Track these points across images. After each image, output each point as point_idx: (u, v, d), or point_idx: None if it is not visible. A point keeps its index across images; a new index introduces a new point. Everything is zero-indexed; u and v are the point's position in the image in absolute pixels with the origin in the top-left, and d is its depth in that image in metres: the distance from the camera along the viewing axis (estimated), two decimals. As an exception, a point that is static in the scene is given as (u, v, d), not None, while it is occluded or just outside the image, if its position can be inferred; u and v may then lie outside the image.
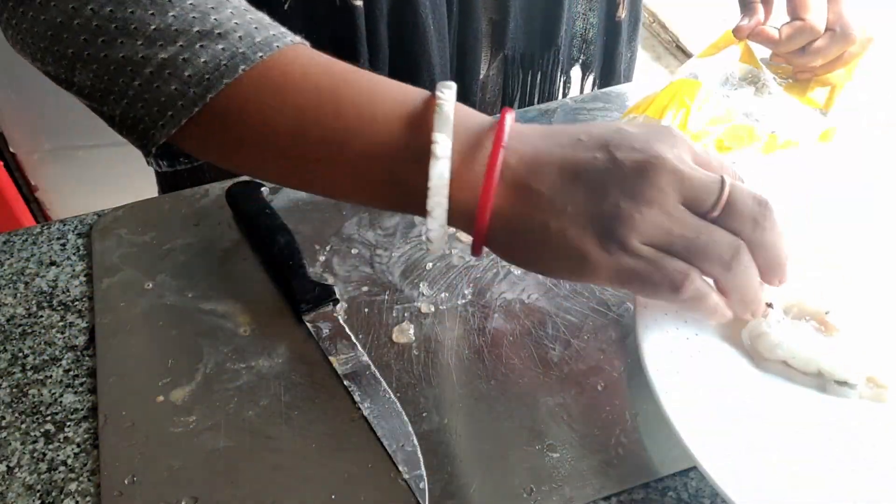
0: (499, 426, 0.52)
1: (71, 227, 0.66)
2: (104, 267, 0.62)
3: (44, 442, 0.52)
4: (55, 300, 0.60)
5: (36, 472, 0.50)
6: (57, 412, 0.53)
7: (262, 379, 0.54)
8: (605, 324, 0.58)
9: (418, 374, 0.54)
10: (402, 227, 0.64)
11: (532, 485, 0.49)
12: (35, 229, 0.66)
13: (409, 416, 0.52)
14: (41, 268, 0.63)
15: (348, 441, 0.51)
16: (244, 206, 0.64)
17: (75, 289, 0.61)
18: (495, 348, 0.56)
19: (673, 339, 0.50)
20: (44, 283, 0.62)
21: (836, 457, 0.47)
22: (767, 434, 0.47)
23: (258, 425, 0.51)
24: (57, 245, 0.65)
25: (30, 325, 0.59)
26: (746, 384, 0.50)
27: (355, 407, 0.52)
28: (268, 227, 0.62)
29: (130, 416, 0.52)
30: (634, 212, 0.43)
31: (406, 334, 0.56)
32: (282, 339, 0.56)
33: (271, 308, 0.59)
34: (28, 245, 0.65)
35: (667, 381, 0.47)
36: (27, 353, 0.57)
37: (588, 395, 0.53)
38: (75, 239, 0.65)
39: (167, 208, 0.67)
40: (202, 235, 0.64)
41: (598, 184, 0.43)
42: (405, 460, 0.49)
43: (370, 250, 0.62)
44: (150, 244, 0.64)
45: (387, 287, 0.60)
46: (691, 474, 0.50)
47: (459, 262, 0.61)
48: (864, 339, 0.51)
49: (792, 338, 0.50)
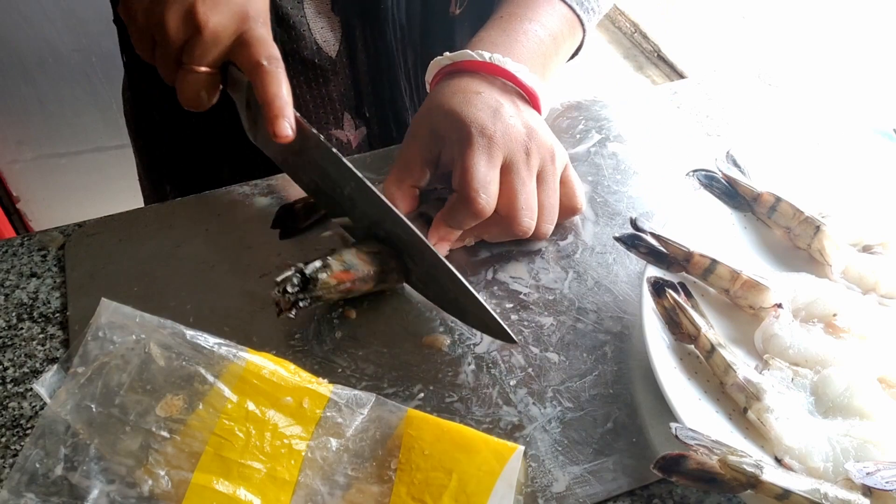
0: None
1: (51, 238, 0.65)
2: (78, 283, 0.61)
3: (24, 455, 0.51)
4: (35, 312, 0.60)
5: (16, 487, 0.50)
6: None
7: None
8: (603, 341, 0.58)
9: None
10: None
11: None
12: (16, 240, 0.65)
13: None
14: (21, 279, 0.62)
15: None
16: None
17: (56, 300, 0.60)
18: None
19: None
20: (24, 295, 0.61)
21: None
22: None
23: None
24: (38, 256, 0.64)
25: (10, 337, 0.58)
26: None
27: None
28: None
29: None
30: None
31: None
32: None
33: (266, 328, 0.59)
34: (8, 256, 0.64)
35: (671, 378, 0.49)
36: (7, 365, 0.57)
37: (575, 405, 0.54)
38: (56, 250, 0.64)
39: (149, 219, 0.67)
40: (182, 247, 0.64)
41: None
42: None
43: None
44: (129, 256, 0.63)
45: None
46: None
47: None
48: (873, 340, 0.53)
49: (802, 340, 0.51)
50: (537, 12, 0.69)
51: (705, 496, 0.49)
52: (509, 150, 0.59)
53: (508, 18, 0.68)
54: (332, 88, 0.79)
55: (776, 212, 0.61)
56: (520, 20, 0.68)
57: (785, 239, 0.62)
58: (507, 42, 0.66)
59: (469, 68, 0.64)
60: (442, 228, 0.61)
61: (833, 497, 0.43)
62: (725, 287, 0.56)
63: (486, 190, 0.58)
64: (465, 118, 0.60)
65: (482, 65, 0.63)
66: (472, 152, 0.59)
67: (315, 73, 0.77)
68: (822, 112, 0.79)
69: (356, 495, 0.48)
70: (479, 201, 0.58)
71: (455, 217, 0.59)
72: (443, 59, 0.66)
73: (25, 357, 0.57)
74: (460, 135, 0.60)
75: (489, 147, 0.59)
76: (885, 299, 0.57)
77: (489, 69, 0.63)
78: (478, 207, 0.58)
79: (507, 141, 0.59)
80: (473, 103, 0.61)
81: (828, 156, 0.67)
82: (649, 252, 0.58)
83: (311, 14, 0.74)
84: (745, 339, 0.55)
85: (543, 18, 0.69)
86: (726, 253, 0.58)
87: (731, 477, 0.44)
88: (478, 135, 0.59)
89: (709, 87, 0.82)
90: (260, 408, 0.49)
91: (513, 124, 0.60)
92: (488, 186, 0.58)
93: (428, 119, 0.62)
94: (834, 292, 0.56)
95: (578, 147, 0.75)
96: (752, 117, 0.78)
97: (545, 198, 0.62)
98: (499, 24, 0.68)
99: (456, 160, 0.60)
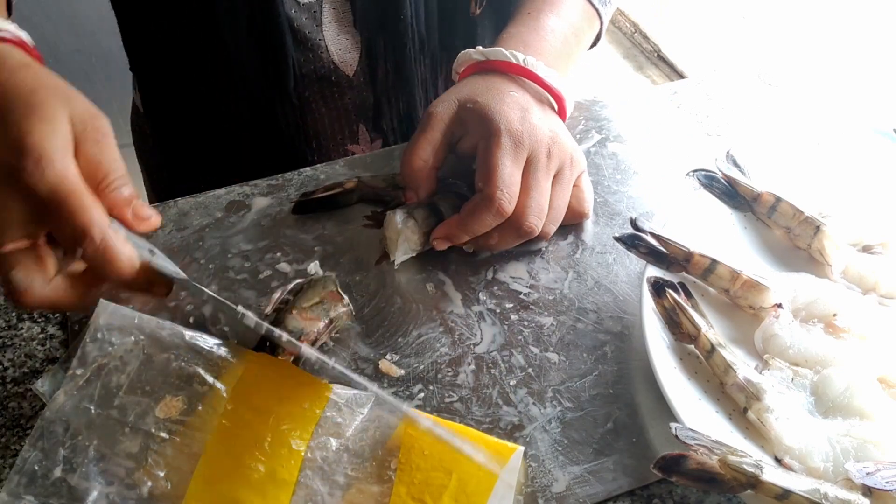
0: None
1: (52, 238, 0.65)
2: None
3: (24, 456, 0.51)
4: (35, 312, 0.60)
5: (15, 487, 0.50)
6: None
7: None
8: (603, 342, 0.58)
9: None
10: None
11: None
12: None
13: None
14: (21, 280, 0.62)
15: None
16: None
17: (56, 301, 0.60)
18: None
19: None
20: (24, 295, 0.61)
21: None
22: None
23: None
24: (37, 256, 0.64)
25: (10, 337, 0.58)
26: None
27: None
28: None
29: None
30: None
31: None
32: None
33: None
34: (8, 257, 0.64)
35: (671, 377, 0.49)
36: (7, 365, 0.56)
37: (575, 405, 0.54)
38: (56, 250, 0.64)
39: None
40: (182, 247, 0.64)
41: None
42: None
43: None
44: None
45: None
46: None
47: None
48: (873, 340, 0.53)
49: (802, 340, 0.51)
50: (561, 7, 0.71)
51: (705, 496, 0.49)
52: (533, 151, 0.60)
53: (536, 15, 0.70)
54: (349, 101, 0.79)
55: (776, 212, 0.61)
56: (546, 16, 0.69)
57: (785, 239, 0.62)
58: (537, 41, 0.67)
59: (501, 68, 0.65)
60: (455, 230, 0.60)
61: (833, 497, 0.43)
62: (725, 287, 0.56)
63: (510, 189, 0.58)
64: (495, 115, 0.61)
65: (515, 67, 0.64)
66: (499, 151, 0.59)
67: (332, 90, 0.78)
68: (822, 112, 0.79)
69: (356, 495, 0.48)
70: (503, 200, 0.58)
71: (478, 218, 0.59)
72: (474, 54, 0.67)
73: (25, 357, 0.57)
74: (488, 130, 0.60)
75: (515, 147, 0.60)
76: (885, 299, 0.57)
77: (521, 72, 0.65)
78: (501, 206, 0.58)
79: (532, 141, 0.60)
80: (506, 102, 0.62)
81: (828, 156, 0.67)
82: (649, 252, 0.58)
83: (331, 34, 0.74)
84: (745, 339, 0.55)
85: (566, 13, 0.71)
86: (726, 253, 0.58)
87: (731, 477, 0.44)
88: (506, 133, 0.60)
89: (709, 87, 0.82)
90: (259, 409, 0.49)
91: (539, 126, 0.61)
92: (512, 186, 0.58)
93: (455, 108, 0.63)
94: (834, 292, 0.56)
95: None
96: (752, 117, 0.78)
97: (556, 199, 0.62)
98: (527, 20, 0.69)
99: (481, 156, 0.60)
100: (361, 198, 0.68)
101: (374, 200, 0.68)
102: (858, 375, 0.50)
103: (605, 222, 0.67)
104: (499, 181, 0.58)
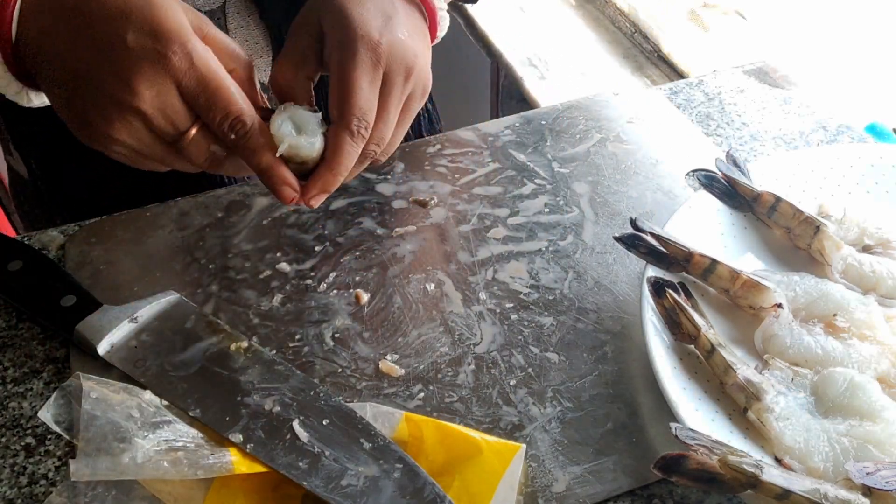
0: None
1: (51, 238, 0.65)
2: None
3: (24, 455, 0.51)
4: (36, 312, 0.60)
5: (16, 486, 0.50)
6: (38, 425, 0.53)
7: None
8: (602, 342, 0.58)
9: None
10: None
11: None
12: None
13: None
14: (21, 279, 0.62)
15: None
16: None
17: (56, 300, 0.60)
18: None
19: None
20: (24, 295, 0.61)
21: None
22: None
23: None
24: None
25: (10, 337, 0.58)
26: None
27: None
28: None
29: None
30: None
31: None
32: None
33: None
34: (8, 256, 0.64)
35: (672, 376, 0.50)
36: (7, 365, 0.56)
37: (575, 405, 0.54)
38: (56, 250, 0.64)
39: (149, 220, 0.67)
40: (182, 247, 0.64)
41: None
42: None
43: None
44: (129, 256, 0.63)
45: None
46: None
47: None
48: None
49: (802, 340, 0.51)
50: None
51: (705, 496, 0.49)
52: (390, 69, 0.53)
53: None
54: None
55: (776, 212, 0.61)
56: None
57: (785, 239, 0.62)
58: None
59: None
60: (329, 176, 0.53)
61: (833, 497, 0.43)
62: (725, 287, 0.56)
63: (367, 118, 0.52)
64: (352, 20, 0.52)
65: None
66: (355, 70, 0.52)
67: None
68: (823, 112, 0.79)
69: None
70: (362, 130, 0.52)
71: (346, 154, 0.52)
72: None
73: (25, 357, 0.57)
74: (344, 38, 0.52)
75: (373, 64, 0.52)
76: (885, 299, 0.57)
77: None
78: (361, 138, 0.52)
79: (391, 60, 0.53)
80: (366, 5, 0.53)
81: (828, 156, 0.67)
82: (649, 252, 0.58)
83: (241, 38, 0.69)
84: (745, 339, 0.55)
85: None
86: (726, 253, 0.58)
87: (731, 477, 0.44)
88: (363, 45, 0.52)
89: (709, 87, 0.82)
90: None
91: (402, 38, 0.54)
92: (368, 114, 0.52)
93: (315, 13, 0.55)
94: (834, 292, 0.56)
95: (578, 147, 0.75)
96: (752, 117, 0.78)
97: (399, 129, 0.56)
98: None
99: (335, 73, 0.53)
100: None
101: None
102: (858, 375, 0.50)
103: (605, 222, 0.67)
104: (357, 109, 0.51)
